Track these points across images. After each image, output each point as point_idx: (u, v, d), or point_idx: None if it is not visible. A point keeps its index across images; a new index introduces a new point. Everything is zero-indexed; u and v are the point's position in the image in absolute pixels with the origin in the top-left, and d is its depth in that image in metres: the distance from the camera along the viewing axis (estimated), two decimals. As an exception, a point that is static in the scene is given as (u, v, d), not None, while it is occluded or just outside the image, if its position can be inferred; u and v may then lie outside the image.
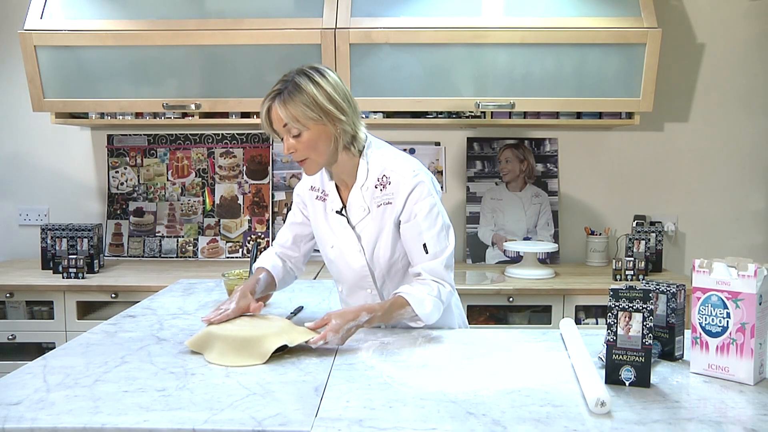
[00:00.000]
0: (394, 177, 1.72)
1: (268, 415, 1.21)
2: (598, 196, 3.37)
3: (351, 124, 1.69)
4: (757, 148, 3.32)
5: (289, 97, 1.63)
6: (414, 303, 1.68)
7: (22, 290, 2.84)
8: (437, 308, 1.71)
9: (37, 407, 1.25)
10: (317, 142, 1.66)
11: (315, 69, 1.68)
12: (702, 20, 3.27)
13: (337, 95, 1.66)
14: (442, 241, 1.73)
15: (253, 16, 2.91)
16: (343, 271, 1.85)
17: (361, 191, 1.76)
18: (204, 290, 2.30)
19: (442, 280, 1.73)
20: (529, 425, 1.18)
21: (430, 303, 1.69)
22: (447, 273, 1.74)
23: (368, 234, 1.77)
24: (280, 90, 1.65)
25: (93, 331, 1.77)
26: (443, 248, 1.73)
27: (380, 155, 1.76)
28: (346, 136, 1.70)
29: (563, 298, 2.79)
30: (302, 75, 1.65)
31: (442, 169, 3.35)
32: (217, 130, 3.39)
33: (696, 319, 1.43)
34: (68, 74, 2.96)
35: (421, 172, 1.74)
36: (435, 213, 1.72)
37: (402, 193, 1.71)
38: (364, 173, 1.75)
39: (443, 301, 1.73)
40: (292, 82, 1.65)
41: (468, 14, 2.88)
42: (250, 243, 3.35)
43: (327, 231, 1.84)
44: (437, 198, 1.75)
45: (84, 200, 3.43)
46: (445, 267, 1.73)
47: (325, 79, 1.66)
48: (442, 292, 1.72)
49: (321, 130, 1.66)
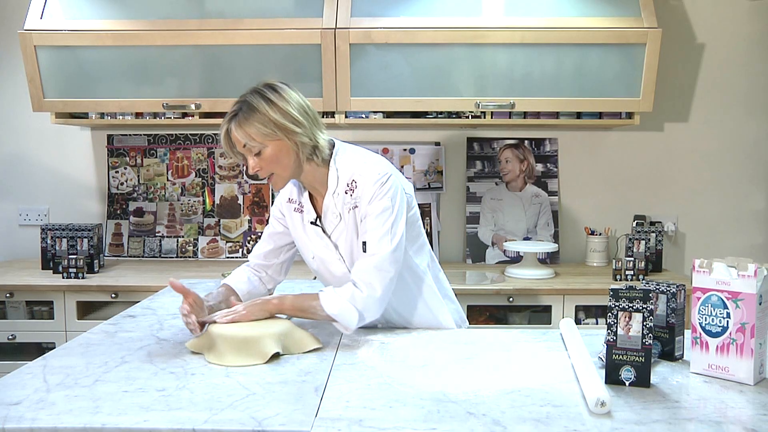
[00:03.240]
0: (360, 180, 1.72)
1: (268, 415, 1.22)
2: (598, 196, 3.37)
3: (308, 135, 1.69)
4: (757, 148, 3.32)
5: (243, 118, 1.65)
6: (323, 299, 1.65)
7: (22, 290, 2.83)
8: (348, 312, 1.64)
9: (37, 407, 1.25)
10: (278, 157, 1.68)
11: (269, 86, 1.69)
12: (702, 20, 3.27)
13: (291, 109, 1.66)
14: (383, 243, 1.67)
15: (253, 16, 2.91)
16: (327, 279, 1.85)
17: (333, 198, 1.75)
18: (204, 290, 2.27)
19: (366, 283, 1.66)
20: (529, 425, 1.18)
21: (339, 304, 1.64)
22: (377, 274, 1.66)
23: (344, 241, 1.76)
24: (235, 112, 1.67)
25: (93, 331, 1.77)
26: (382, 250, 1.67)
27: (349, 160, 1.76)
28: (306, 147, 1.70)
29: (563, 298, 2.79)
30: (255, 94, 1.67)
31: (442, 169, 3.35)
32: (217, 130, 3.38)
33: (696, 319, 1.43)
34: (68, 74, 2.96)
35: (386, 174, 1.72)
36: (386, 216, 1.69)
37: (365, 195, 1.70)
38: (335, 180, 1.74)
39: (357, 307, 1.64)
40: (245, 102, 1.67)
41: (468, 14, 2.88)
42: (250, 243, 3.35)
43: (306, 242, 1.84)
44: (398, 201, 1.71)
45: (84, 200, 3.43)
46: (376, 269, 1.66)
47: (277, 95, 1.67)
48: (356, 297, 1.65)
49: (279, 145, 1.67)
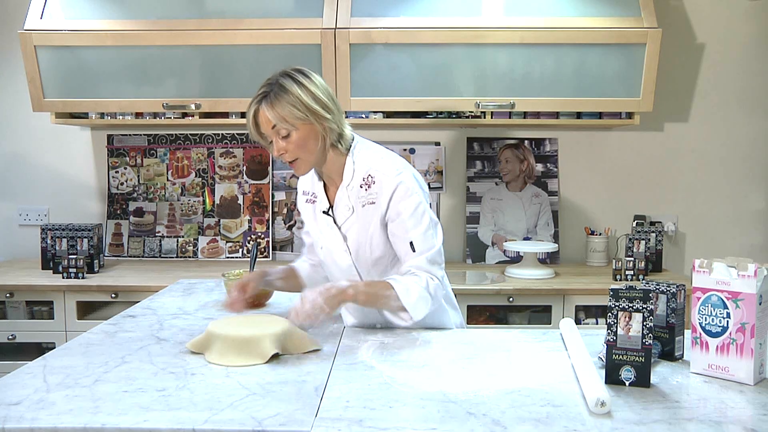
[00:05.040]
0: (377, 176, 1.74)
1: (268, 415, 1.22)
2: (598, 196, 3.37)
3: (337, 122, 1.73)
4: (757, 148, 3.32)
5: (275, 99, 1.67)
6: (399, 289, 1.68)
7: (22, 290, 2.83)
8: (423, 300, 1.70)
9: (37, 407, 1.25)
10: (306, 141, 1.70)
11: (298, 71, 1.72)
12: (702, 20, 3.26)
13: (321, 95, 1.70)
14: (429, 239, 1.73)
15: (253, 16, 2.91)
16: (332, 270, 1.87)
17: (346, 191, 1.78)
18: (204, 290, 2.30)
19: (431, 275, 1.73)
20: (529, 425, 1.18)
21: (416, 293, 1.69)
22: (435, 269, 1.74)
23: (353, 233, 1.79)
24: (266, 92, 1.69)
25: (93, 331, 1.77)
26: (430, 246, 1.73)
27: (366, 154, 1.78)
28: (333, 134, 1.73)
29: (563, 298, 2.79)
30: (286, 77, 1.69)
31: (442, 169, 3.35)
32: (217, 130, 3.39)
33: (696, 319, 1.43)
34: (68, 74, 2.96)
35: (404, 170, 1.75)
36: (421, 211, 1.72)
37: (385, 192, 1.72)
38: (350, 172, 1.77)
39: (431, 293, 1.72)
40: (277, 84, 1.68)
41: (468, 14, 2.88)
42: (250, 243, 3.35)
43: (317, 232, 1.87)
44: (422, 196, 1.75)
45: (84, 200, 3.43)
46: (431, 263, 1.73)
47: (309, 80, 1.70)
48: (430, 284, 1.71)
49: (309, 129, 1.69)
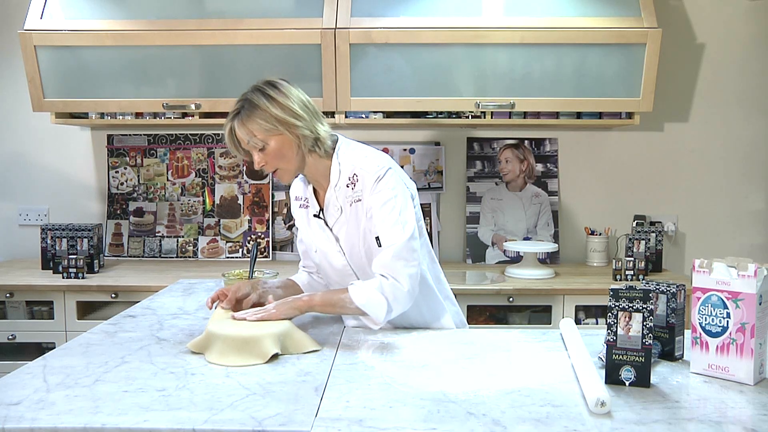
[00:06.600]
0: (360, 174, 1.75)
1: (268, 415, 1.22)
2: (598, 196, 3.37)
3: (309, 127, 1.73)
4: (757, 148, 3.32)
5: (245, 116, 1.71)
6: (352, 291, 1.67)
7: (22, 290, 2.83)
8: (378, 302, 1.66)
9: (37, 407, 1.25)
10: (282, 150, 1.73)
11: (269, 83, 1.74)
12: (702, 20, 3.26)
13: (291, 103, 1.71)
14: (396, 233, 1.69)
15: (253, 16, 2.90)
16: (328, 272, 1.88)
17: (334, 192, 1.79)
18: (204, 290, 2.30)
19: (391, 275, 1.67)
20: (529, 425, 1.18)
21: (367, 294, 1.66)
22: (398, 265, 1.67)
23: (345, 234, 1.79)
24: (238, 110, 1.73)
25: (93, 331, 1.77)
26: (395, 240, 1.68)
27: (351, 155, 1.79)
28: (307, 140, 1.74)
29: (563, 298, 2.78)
30: (255, 91, 1.73)
31: (442, 169, 3.35)
32: (217, 130, 3.38)
33: (696, 319, 1.43)
34: (68, 74, 2.96)
35: (386, 167, 1.75)
36: (391, 206, 1.71)
37: (367, 188, 1.73)
38: (337, 173, 1.78)
39: (384, 294, 1.66)
40: (247, 100, 1.73)
41: (468, 14, 2.88)
42: (250, 243, 3.35)
43: (311, 237, 1.88)
44: (400, 192, 1.74)
45: (84, 200, 3.43)
46: (397, 258, 1.67)
47: (277, 91, 1.72)
48: (383, 285, 1.66)
49: (282, 139, 1.72)
